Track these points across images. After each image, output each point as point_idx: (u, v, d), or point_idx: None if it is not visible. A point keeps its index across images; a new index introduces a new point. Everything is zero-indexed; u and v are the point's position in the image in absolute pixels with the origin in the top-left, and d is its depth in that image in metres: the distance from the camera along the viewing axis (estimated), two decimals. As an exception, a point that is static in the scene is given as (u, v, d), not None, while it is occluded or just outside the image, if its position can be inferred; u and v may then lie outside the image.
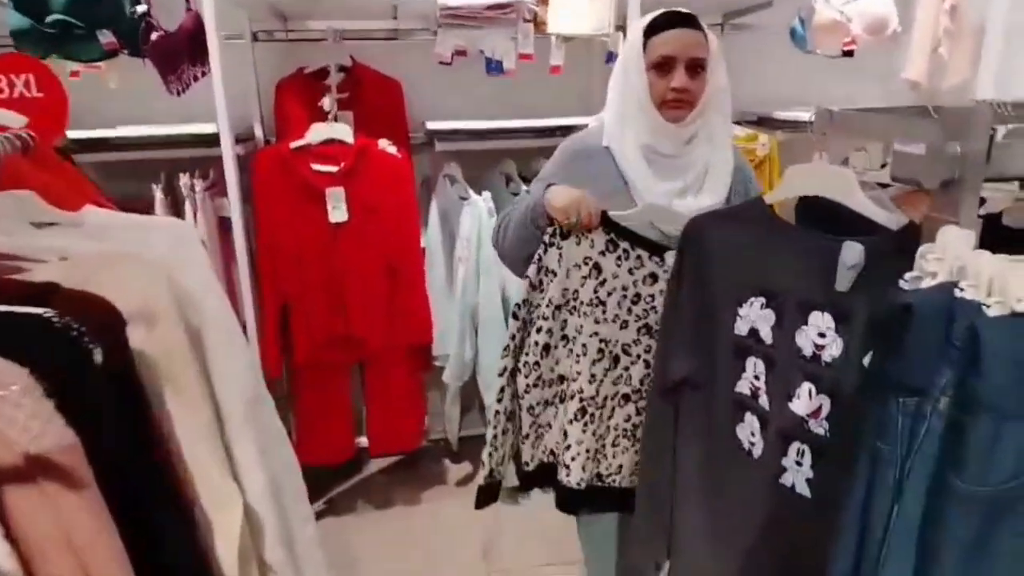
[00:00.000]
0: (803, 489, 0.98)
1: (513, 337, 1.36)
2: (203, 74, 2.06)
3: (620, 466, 1.38)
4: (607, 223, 1.27)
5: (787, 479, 0.99)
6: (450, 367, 2.37)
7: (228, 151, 2.02)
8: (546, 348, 1.35)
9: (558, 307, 1.32)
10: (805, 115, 2.41)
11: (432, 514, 2.42)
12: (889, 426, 0.58)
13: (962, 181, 0.65)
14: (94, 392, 0.68)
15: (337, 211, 2.14)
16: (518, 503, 1.50)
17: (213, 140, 2.03)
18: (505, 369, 1.38)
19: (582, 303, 1.30)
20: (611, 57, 2.27)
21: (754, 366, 1.03)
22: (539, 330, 1.33)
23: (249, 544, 0.93)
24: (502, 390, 1.39)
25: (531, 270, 1.32)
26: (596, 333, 1.31)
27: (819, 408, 0.93)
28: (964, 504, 0.52)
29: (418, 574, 2.13)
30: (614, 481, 1.38)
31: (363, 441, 2.51)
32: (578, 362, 1.32)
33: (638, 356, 1.33)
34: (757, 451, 1.04)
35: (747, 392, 1.05)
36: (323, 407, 2.34)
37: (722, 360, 1.07)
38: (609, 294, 1.30)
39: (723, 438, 1.09)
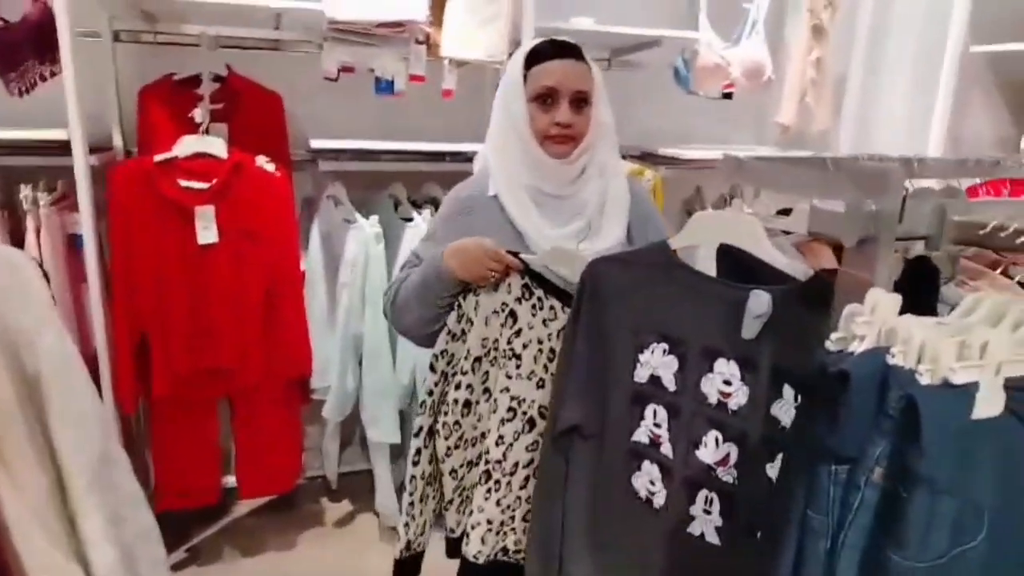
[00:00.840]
0: (712, 537, 0.96)
1: (430, 392, 1.24)
2: (52, 74, 1.84)
3: None
4: (523, 267, 1.18)
5: (695, 528, 0.97)
6: (330, 401, 2.23)
7: (81, 161, 1.81)
8: (467, 405, 1.23)
9: (477, 359, 1.21)
10: (686, 152, 2.51)
11: (310, 559, 2.25)
12: (820, 495, 0.56)
13: (877, 238, 0.65)
14: None
15: (206, 232, 1.96)
16: None
17: (63, 148, 1.81)
18: (421, 429, 1.25)
19: (502, 354, 1.20)
20: (504, 84, 2.25)
21: (654, 414, 1.00)
22: (458, 386, 1.22)
23: (94, 636, 0.79)
24: (418, 452, 1.26)
25: (450, 318, 1.21)
26: (507, 389, 1.19)
27: (727, 456, 0.92)
28: (900, 580, 0.51)
29: (292, 627, 1.97)
30: (523, 558, 1.23)
31: (231, 480, 2.30)
32: (488, 419, 1.22)
33: None
34: (659, 500, 1.01)
35: (645, 441, 1.01)
36: (185, 445, 2.12)
37: (618, 408, 1.03)
38: (524, 346, 1.18)
39: (617, 488, 1.05)
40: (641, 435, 1.01)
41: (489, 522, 1.22)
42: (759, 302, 0.86)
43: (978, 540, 0.51)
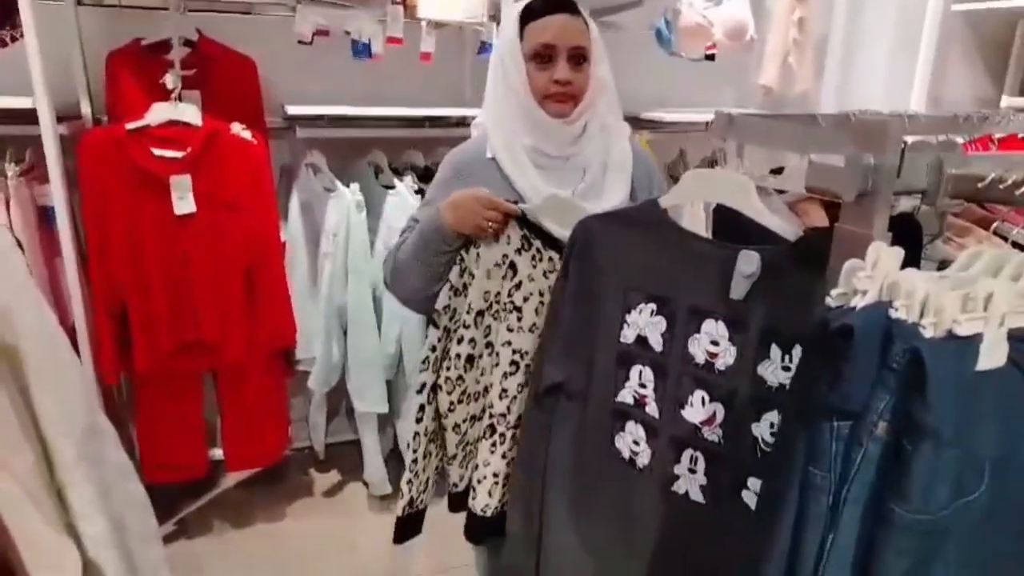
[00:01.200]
0: (697, 495, 0.96)
1: (433, 348, 1.22)
2: (13, 39, 1.76)
3: None
4: (521, 217, 1.15)
5: (680, 486, 0.97)
6: (316, 372, 2.21)
7: (49, 130, 1.75)
8: (469, 359, 1.21)
9: (480, 312, 1.19)
10: (668, 116, 2.49)
11: (299, 530, 2.25)
12: (822, 450, 0.55)
13: (875, 193, 0.64)
14: None
15: (183, 202, 1.91)
16: None
17: (29, 116, 1.75)
18: (424, 385, 1.23)
19: (503, 307, 1.19)
20: (484, 47, 2.21)
21: (639, 375, 0.99)
22: (460, 340, 1.20)
23: (88, 609, 0.78)
24: (422, 408, 1.24)
25: (452, 272, 1.19)
26: (509, 342, 1.18)
27: (712, 415, 0.92)
28: (903, 532, 0.51)
29: (283, 597, 1.97)
30: None
31: (217, 453, 2.29)
32: (491, 373, 1.21)
33: None
34: (643, 460, 1.01)
35: (630, 401, 1.01)
36: (170, 419, 2.09)
37: (602, 369, 1.02)
38: (525, 299, 1.17)
39: (599, 448, 1.04)
40: (626, 395, 1.01)
41: (495, 475, 1.23)
42: (749, 261, 0.85)
43: (979, 492, 0.51)
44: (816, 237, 0.82)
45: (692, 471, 0.96)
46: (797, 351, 0.81)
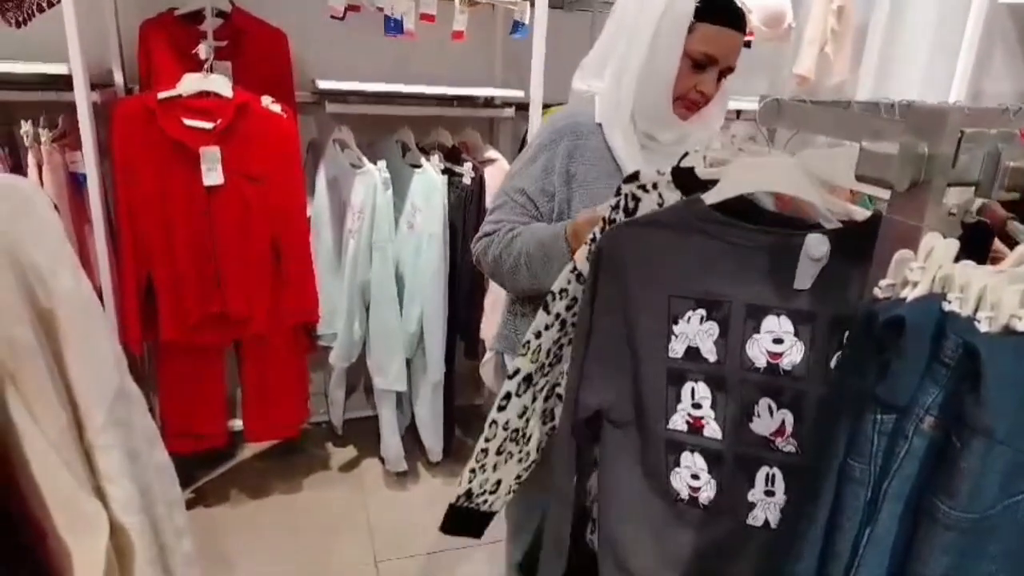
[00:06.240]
0: (778, 523, 0.85)
1: (538, 334, 1.05)
2: (50, 4, 1.77)
3: None
4: None
5: (757, 516, 0.86)
6: (337, 347, 2.22)
7: (83, 97, 1.76)
8: None
9: None
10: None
11: (315, 502, 2.27)
12: (863, 443, 0.54)
13: (928, 184, 0.62)
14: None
15: (212, 173, 1.92)
16: None
17: (63, 83, 1.76)
18: (518, 371, 1.07)
19: None
20: (517, 27, 2.18)
21: (692, 393, 0.88)
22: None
23: (116, 571, 0.79)
24: (507, 397, 1.08)
25: (580, 251, 1.01)
26: None
27: (782, 424, 0.84)
28: (947, 530, 0.50)
29: (300, 570, 1.99)
30: None
31: (237, 424, 2.31)
32: None
33: None
34: (706, 496, 0.89)
35: (683, 428, 0.89)
36: (192, 389, 2.12)
37: (650, 390, 0.90)
38: None
39: (656, 488, 0.91)
40: (677, 421, 0.89)
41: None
42: (818, 245, 0.78)
43: (1028, 491, 0.50)
44: (872, 223, 0.77)
45: (770, 493, 0.86)
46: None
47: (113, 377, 0.87)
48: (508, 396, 1.09)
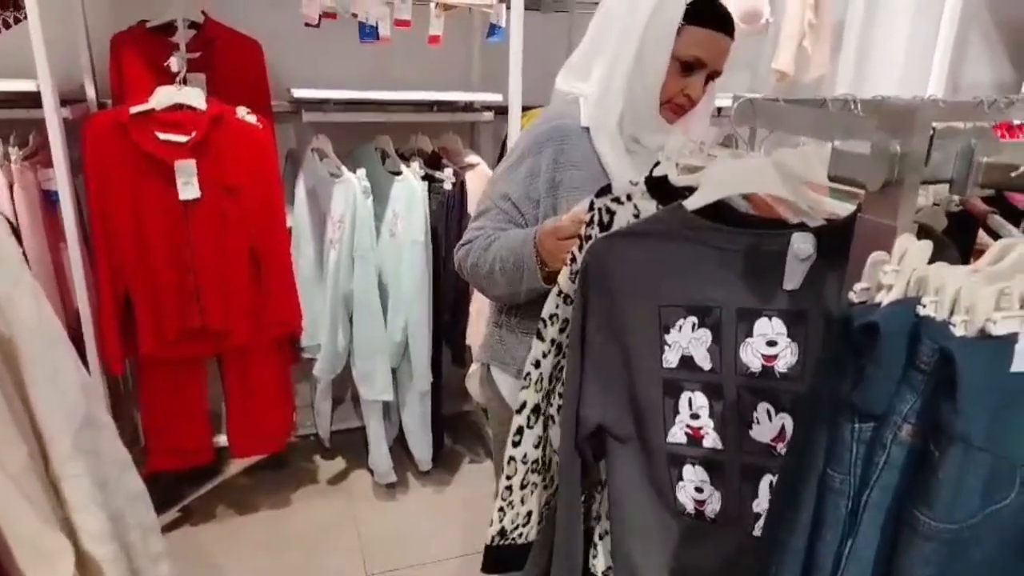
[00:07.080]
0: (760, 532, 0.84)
1: (536, 363, 1.04)
2: (16, 20, 1.74)
3: None
4: None
5: (763, 528, 0.82)
6: (321, 359, 2.20)
7: (52, 114, 1.73)
8: None
9: None
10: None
11: (304, 516, 2.24)
12: (842, 452, 0.53)
13: (901, 182, 0.61)
14: None
15: (188, 187, 1.89)
16: None
17: (32, 100, 1.73)
18: (524, 405, 1.06)
19: None
20: (493, 30, 2.16)
21: (689, 403, 0.87)
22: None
23: (84, 604, 0.77)
24: (519, 432, 1.07)
25: (562, 274, 1.00)
26: None
27: (782, 428, 0.82)
28: (928, 540, 0.48)
29: (289, 584, 1.97)
30: None
31: (222, 440, 2.28)
32: None
33: None
34: (712, 509, 0.87)
35: (682, 440, 0.87)
36: (174, 405, 2.08)
37: (648, 403, 0.89)
38: None
39: (664, 504, 0.90)
40: (677, 434, 0.88)
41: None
42: (805, 243, 0.77)
43: (1010, 498, 0.49)
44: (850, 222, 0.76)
45: None
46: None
47: (79, 404, 0.85)
48: (520, 431, 1.07)
